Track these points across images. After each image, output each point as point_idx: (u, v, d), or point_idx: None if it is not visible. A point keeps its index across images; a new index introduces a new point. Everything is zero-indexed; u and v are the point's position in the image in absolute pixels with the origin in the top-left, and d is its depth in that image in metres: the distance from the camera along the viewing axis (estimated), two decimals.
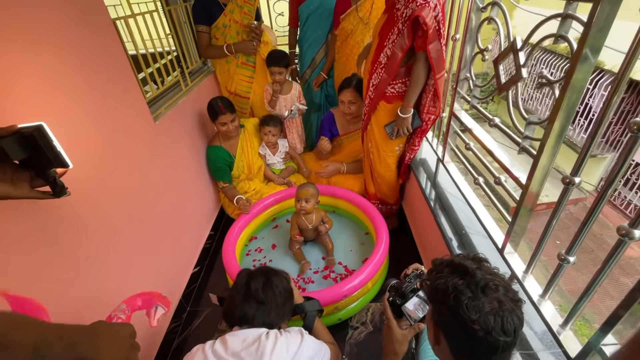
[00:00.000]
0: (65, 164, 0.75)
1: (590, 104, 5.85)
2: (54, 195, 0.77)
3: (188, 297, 1.85)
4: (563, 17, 0.81)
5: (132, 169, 1.42)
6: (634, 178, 5.47)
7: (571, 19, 0.80)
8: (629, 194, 5.61)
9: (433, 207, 1.68)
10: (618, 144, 5.68)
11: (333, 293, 1.50)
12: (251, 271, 1.07)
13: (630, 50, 0.63)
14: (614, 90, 0.67)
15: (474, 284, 0.67)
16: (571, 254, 0.85)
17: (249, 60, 2.36)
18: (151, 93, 1.76)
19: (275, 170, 2.46)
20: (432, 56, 1.50)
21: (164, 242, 1.66)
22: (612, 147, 5.81)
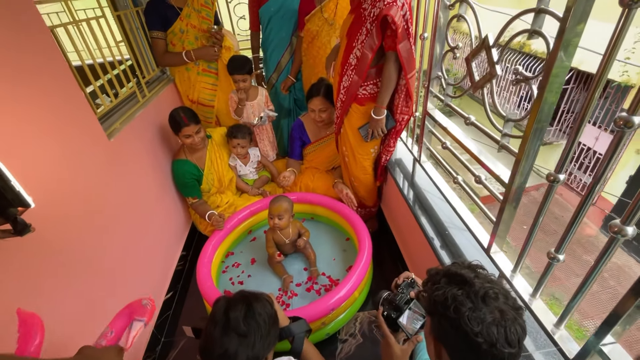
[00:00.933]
0: (25, 203, 0.74)
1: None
2: (16, 234, 0.75)
3: (161, 327, 1.70)
4: (536, 11, 0.79)
5: (86, 195, 1.26)
6: (587, 162, 5.89)
7: (545, 14, 0.79)
8: (583, 177, 6.03)
9: (413, 208, 1.65)
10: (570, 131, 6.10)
11: (320, 308, 1.43)
12: (229, 299, 0.95)
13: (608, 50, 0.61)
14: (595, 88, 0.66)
15: (474, 293, 0.64)
16: (560, 252, 0.84)
17: (210, 66, 2.24)
18: (103, 107, 1.59)
19: (248, 180, 2.34)
20: (402, 56, 1.48)
21: (130, 269, 1.50)
22: (565, 133, 6.22)
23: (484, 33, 1.03)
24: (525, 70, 5.63)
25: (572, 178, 6.16)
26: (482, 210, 1.12)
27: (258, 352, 0.89)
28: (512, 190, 0.95)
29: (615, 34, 0.60)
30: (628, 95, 4.89)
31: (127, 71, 1.84)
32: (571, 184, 6.21)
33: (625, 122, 0.60)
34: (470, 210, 1.39)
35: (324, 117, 2.02)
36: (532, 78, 0.85)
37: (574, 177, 6.13)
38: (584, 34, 0.71)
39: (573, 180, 6.17)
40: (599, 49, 3.08)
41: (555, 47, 0.72)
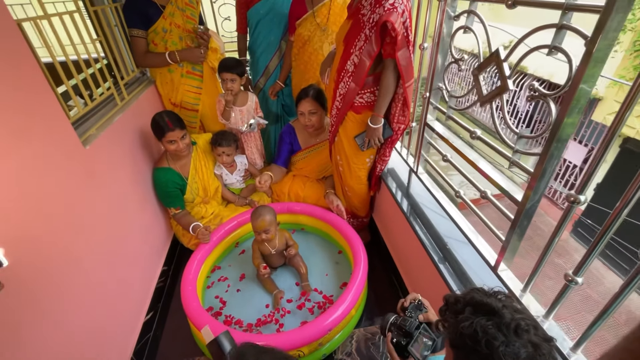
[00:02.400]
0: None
1: (518, 105, 6.50)
2: None
3: (141, 352, 1.55)
4: (558, 27, 0.77)
5: (58, 210, 1.11)
6: (557, 169, 6.19)
7: (566, 30, 0.76)
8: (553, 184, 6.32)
9: (409, 219, 1.61)
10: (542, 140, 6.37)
11: (316, 329, 1.35)
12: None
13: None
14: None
15: (505, 325, 0.60)
16: (580, 275, 0.81)
17: (195, 68, 2.11)
18: (77, 111, 1.44)
19: (234, 190, 2.22)
20: (401, 64, 1.44)
21: (105, 289, 1.35)
22: (539, 143, 6.50)
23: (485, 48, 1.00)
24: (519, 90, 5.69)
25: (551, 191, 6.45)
26: (492, 230, 1.09)
27: None
28: (525, 209, 0.92)
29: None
30: (596, 108, 5.18)
31: (104, 70, 1.68)
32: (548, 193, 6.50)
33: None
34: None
35: (313, 121, 1.94)
36: (551, 95, 0.83)
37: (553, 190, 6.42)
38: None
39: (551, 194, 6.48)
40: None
41: (581, 67, 0.69)
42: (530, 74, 6.07)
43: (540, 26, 0.81)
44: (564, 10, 0.75)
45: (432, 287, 1.42)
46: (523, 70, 6.15)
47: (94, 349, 1.23)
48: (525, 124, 6.59)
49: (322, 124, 2.01)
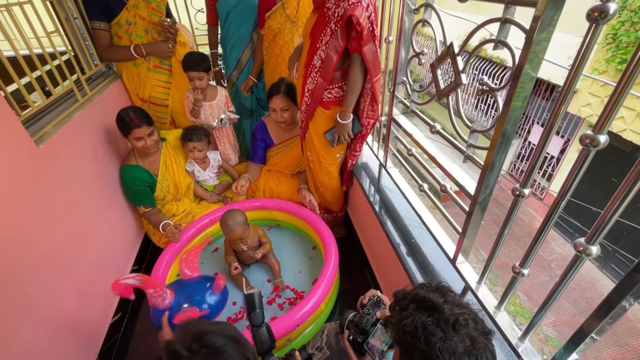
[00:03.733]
0: None
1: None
2: None
3: (108, 354, 1.52)
4: (502, 21, 0.77)
5: (6, 214, 1.07)
6: (526, 153, 6.41)
7: (510, 25, 0.76)
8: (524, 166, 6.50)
9: (379, 214, 1.62)
10: (521, 131, 6.51)
11: (285, 324, 1.35)
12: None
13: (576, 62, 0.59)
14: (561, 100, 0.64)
15: (444, 321, 0.61)
16: (525, 267, 0.82)
17: (163, 63, 2.05)
18: (30, 109, 1.38)
19: (208, 186, 2.19)
20: (367, 58, 1.43)
21: (64, 293, 1.31)
22: (517, 134, 6.64)
23: (449, 38, 1.00)
24: (488, 77, 5.81)
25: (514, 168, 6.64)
26: (450, 222, 1.10)
27: None
28: (477, 202, 0.93)
29: (582, 47, 0.58)
30: (571, 100, 5.31)
31: (63, 67, 1.61)
32: (514, 174, 6.70)
33: (591, 141, 0.58)
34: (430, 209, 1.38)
35: (286, 117, 1.92)
36: (498, 89, 0.83)
37: (515, 167, 6.61)
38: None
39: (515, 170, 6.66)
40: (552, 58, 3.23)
41: (522, 59, 0.70)
42: (510, 67, 6.15)
43: (486, 21, 0.81)
44: (507, 4, 0.75)
45: (399, 281, 1.44)
46: (503, 63, 6.23)
47: (52, 350, 1.20)
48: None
49: (294, 119, 1.99)
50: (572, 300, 4.81)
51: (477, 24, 0.88)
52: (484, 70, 6.46)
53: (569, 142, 5.57)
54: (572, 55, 0.63)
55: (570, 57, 4.81)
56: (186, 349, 0.62)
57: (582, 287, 5.00)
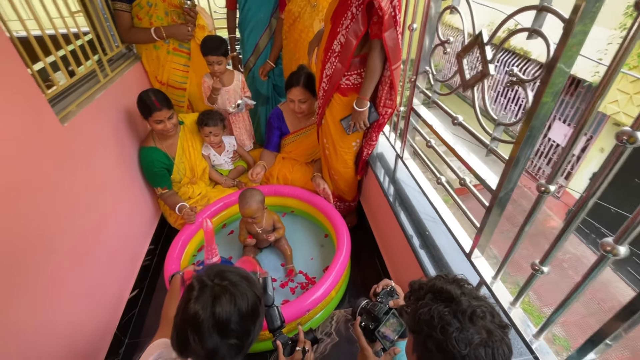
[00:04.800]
0: None
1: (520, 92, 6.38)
2: None
3: (125, 327, 1.59)
4: (539, 9, 0.73)
5: (33, 188, 1.11)
6: (545, 150, 6.22)
7: (546, 13, 0.73)
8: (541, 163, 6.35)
9: (393, 205, 1.61)
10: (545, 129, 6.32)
11: (296, 308, 1.38)
12: (215, 291, 0.75)
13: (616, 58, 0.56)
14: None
15: (461, 312, 0.61)
16: (545, 264, 0.81)
17: (182, 46, 2.05)
18: (56, 87, 1.40)
19: (223, 171, 2.21)
20: (387, 45, 1.40)
21: (86, 268, 1.37)
22: None
23: (477, 28, 0.97)
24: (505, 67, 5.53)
25: (540, 172, 6.44)
26: (467, 216, 1.09)
27: (245, 349, 0.81)
28: (498, 198, 0.92)
29: (626, 39, 0.55)
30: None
31: (86, 47, 1.63)
32: (536, 175, 6.52)
33: (629, 138, 0.56)
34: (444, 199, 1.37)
35: (303, 108, 1.91)
36: (529, 81, 0.80)
37: (542, 171, 6.41)
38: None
39: (539, 174, 6.47)
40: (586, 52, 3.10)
41: (557, 51, 0.67)
42: (534, 60, 5.92)
43: (521, 8, 0.77)
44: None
45: (411, 272, 1.44)
46: (527, 55, 6.00)
47: (75, 321, 1.26)
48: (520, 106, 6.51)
49: (312, 109, 1.98)
50: (582, 301, 4.73)
51: (505, 13, 0.84)
52: (505, 62, 6.22)
53: (591, 140, 5.38)
54: (602, 48, 0.60)
55: (600, 50, 4.59)
56: (210, 281, 0.77)
57: (594, 288, 4.90)
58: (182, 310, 0.76)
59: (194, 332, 0.72)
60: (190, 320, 0.73)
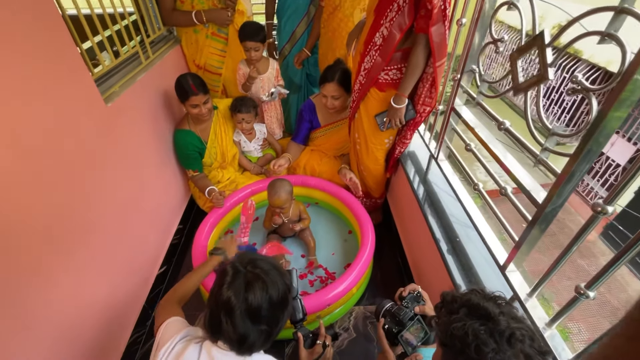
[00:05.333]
0: None
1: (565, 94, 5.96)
2: None
3: (153, 301, 1.67)
4: (617, 11, 0.66)
5: (78, 162, 1.16)
6: (597, 167, 5.75)
7: (626, 15, 0.65)
8: (590, 182, 5.91)
9: (422, 206, 1.57)
10: None
11: (316, 301, 1.38)
12: (248, 278, 0.78)
13: None
14: None
15: (498, 333, 0.58)
16: (592, 289, 0.76)
17: (220, 31, 2.06)
18: (101, 68, 1.45)
19: (252, 158, 2.24)
20: (434, 40, 1.33)
21: (123, 242, 1.44)
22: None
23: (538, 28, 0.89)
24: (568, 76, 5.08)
25: (588, 189, 6.03)
26: (506, 229, 1.03)
27: (274, 336, 0.84)
28: (544, 213, 0.86)
29: None
30: None
31: (130, 27, 1.67)
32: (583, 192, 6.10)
33: None
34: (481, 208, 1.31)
35: (336, 105, 1.87)
36: (595, 90, 0.73)
37: (591, 189, 6.00)
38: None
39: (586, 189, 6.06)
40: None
41: (637, 59, 0.60)
42: (585, 60, 5.49)
43: (597, 8, 0.70)
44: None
45: (436, 278, 1.40)
46: (577, 54, 5.57)
47: (108, 292, 1.33)
48: (569, 116, 6.07)
49: (344, 106, 1.94)
50: (613, 320, 4.48)
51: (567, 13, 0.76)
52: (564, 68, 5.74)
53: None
54: None
55: None
56: (243, 268, 0.81)
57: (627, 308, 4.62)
58: (215, 295, 0.79)
59: (227, 316, 0.75)
60: (223, 304, 0.76)
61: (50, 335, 1.03)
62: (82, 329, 1.17)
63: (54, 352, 1.04)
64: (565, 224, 5.77)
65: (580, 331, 4.30)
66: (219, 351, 0.78)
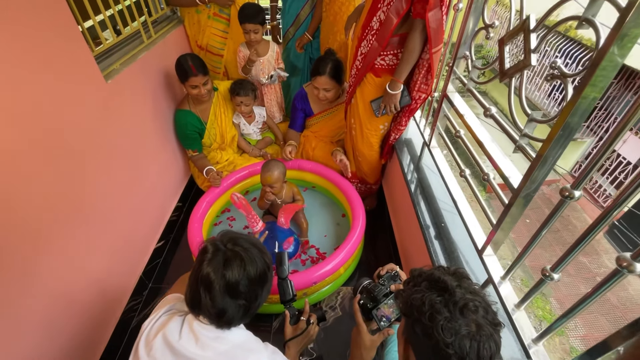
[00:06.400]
0: None
1: None
2: None
3: (150, 273, 1.75)
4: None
5: (78, 137, 1.22)
6: (607, 164, 5.62)
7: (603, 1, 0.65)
8: (599, 179, 5.80)
9: (413, 192, 1.59)
10: (599, 129, 5.74)
11: (304, 279, 1.43)
12: (227, 255, 0.81)
13: None
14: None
15: (453, 303, 0.62)
16: (556, 271, 0.78)
17: (222, 11, 2.07)
18: (102, 45, 1.49)
19: (251, 140, 2.27)
20: (430, 26, 1.32)
21: (122, 217, 1.51)
22: (592, 132, 5.89)
23: (527, 11, 0.89)
24: (566, 58, 4.98)
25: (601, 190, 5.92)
26: (485, 211, 1.05)
27: (253, 310, 0.87)
28: (520, 196, 0.88)
29: None
30: None
31: (133, 8, 1.70)
32: (594, 193, 5.99)
33: None
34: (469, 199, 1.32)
35: (328, 96, 1.88)
36: (571, 76, 0.74)
37: (594, 181, 5.90)
38: None
39: (597, 190, 5.94)
40: None
41: (608, 40, 0.61)
42: (589, 46, 5.28)
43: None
44: None
45: (422, 261, 1.44)
46: (580, 40, 5.37)
47: (106, 260, 1.40)
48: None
49: (336, 96, 1.94)
50: (611, 318, 4.48)
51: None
52: (569, 54, 5.62)
53: None
54: None
55: None
56: (223, 245, 0.84)
57: (626, 307, 4.60)
58: (195, 271, 0.82)
59: (206, 291, 0.78)
60: (202, 280, 0.79)
61: (46, 296, 1.10)
62: (79, 293, 1.25)
63: (51, 314, 1.12)
64: (569, 220, 5.71)
65: (577, 327, 4.32)
66: (199, 324, 0.81)
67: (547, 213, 0.78)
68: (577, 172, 6.17)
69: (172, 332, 0.80)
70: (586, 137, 5.88)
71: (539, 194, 6.21)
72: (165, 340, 0.80)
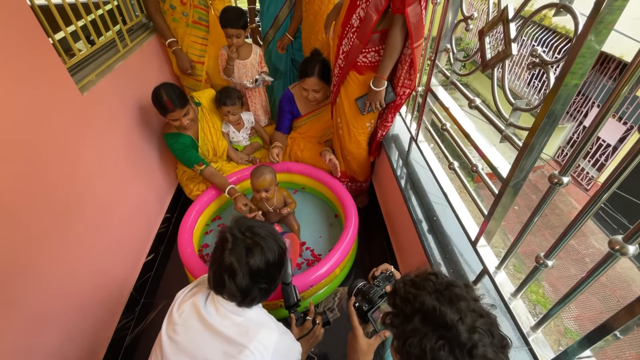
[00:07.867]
0: None
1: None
2: None
3: (141, 288, 1.70)
4: None
5: (52, 154, 1.17)
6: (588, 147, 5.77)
7: None
8: (582, 163, 5.95)
9: (403, 188, 1.59)
10: (577, 114, 5.89)
11: (300, 283, 1.41)
12: (247, 244, 0.87)
13: None
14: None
15: (459, 347, 0.54)
16: (550, 258, 0.78)
17: (201, 18, 2.02)
18: (76, 57, 1.44)
19: (239, 147, 2.23)
20: (410, 20, 1.32)
21: (106, 232, 1.45)
22: (572, 117, 6.04)
23: (504, 2, 0.89)
24: (549, 51, 5.11)
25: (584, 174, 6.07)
26: (476, 202, 1.06)
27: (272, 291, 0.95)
28: (509, 186, 0.88)
29: None
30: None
31: (106, 17, 1.65)
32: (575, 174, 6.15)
33: None
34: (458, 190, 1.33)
35: (317, 97, 1.87)
36: (552, 63, 0.74)
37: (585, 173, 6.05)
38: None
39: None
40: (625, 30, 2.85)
41: (586, 28, 0.61)
42: (564, 34, 5.43)
43: None
44: None
45: (416, 257, 1.44)
46: (569, 35, 5.53)
47: (93, 278, 1.35)
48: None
49: (325, 96, 1.93)
50: (601, 297, 4.59)
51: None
52: (545, 43, 5.76)
53: (631, 131, 5.00)
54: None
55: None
56: (242, 234, 0.89)
57: (615, 285, 4.73)
58: (218, 259, 0.87)
59: (230, 278, 0.85)
60: (226, 268, 0.85)
61: (31, 319, 1.05)
62: (64, 316, 1.20)
63: (39, 334, 1.07)
64: (556, 204, 5.84)
65: (570, 308, 4.40)
66: (221, 300, 0.89)
67: (535, 199, 0.79)
68: (559, 157, 6.32)
69: (200, 300, 0.91)
70: (566, 122, 6.04)
71: (526, 181, 6.34)
72: (194, 305, 0.90)
